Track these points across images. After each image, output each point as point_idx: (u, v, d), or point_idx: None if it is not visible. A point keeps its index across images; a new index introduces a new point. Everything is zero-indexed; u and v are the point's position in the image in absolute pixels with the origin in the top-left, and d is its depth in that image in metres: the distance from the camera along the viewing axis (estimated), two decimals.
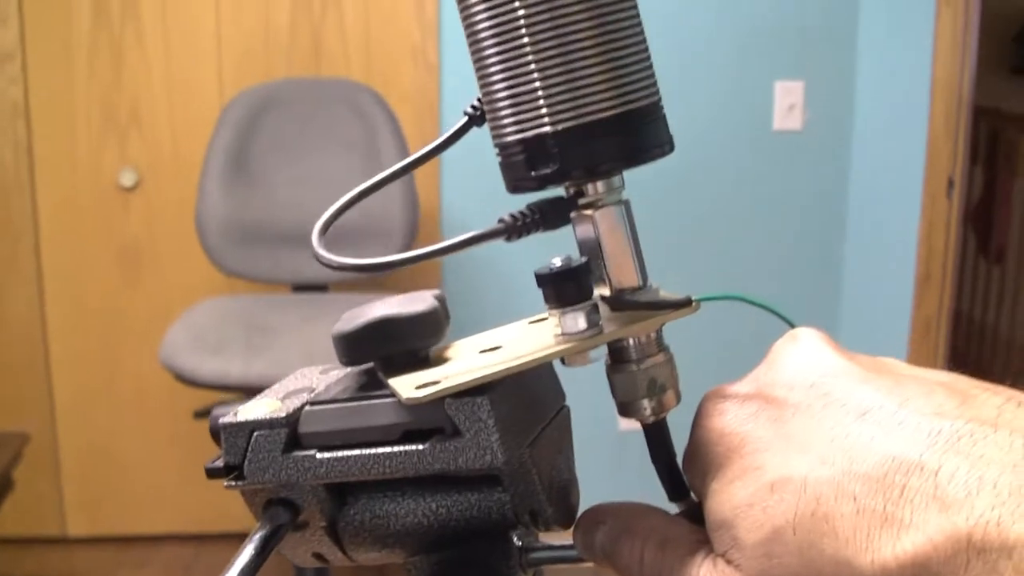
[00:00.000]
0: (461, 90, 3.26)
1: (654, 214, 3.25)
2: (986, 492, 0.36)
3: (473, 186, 3.04)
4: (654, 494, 0.54)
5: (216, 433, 0.55)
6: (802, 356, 0.47)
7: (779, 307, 0.55)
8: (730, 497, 0.44)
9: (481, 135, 0.52)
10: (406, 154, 2.88)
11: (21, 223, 3.29)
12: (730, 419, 0.46)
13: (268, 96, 3.00)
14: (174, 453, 3.38)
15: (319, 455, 0.52)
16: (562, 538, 0.57)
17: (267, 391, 0.57)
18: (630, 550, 0.49)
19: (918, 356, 3.39)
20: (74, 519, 3.52)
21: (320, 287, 3.03)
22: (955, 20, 3.24)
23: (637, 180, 0.50)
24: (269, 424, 0.53)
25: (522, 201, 0.50)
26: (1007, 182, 5.04)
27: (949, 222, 3.32)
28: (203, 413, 2.71)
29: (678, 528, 0.49)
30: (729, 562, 0.44)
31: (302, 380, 0.58)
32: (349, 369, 0.57)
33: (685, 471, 0.50)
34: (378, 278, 3.05)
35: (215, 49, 3.22)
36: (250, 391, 2.51)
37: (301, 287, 3.03)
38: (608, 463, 2.23)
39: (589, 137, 0.47)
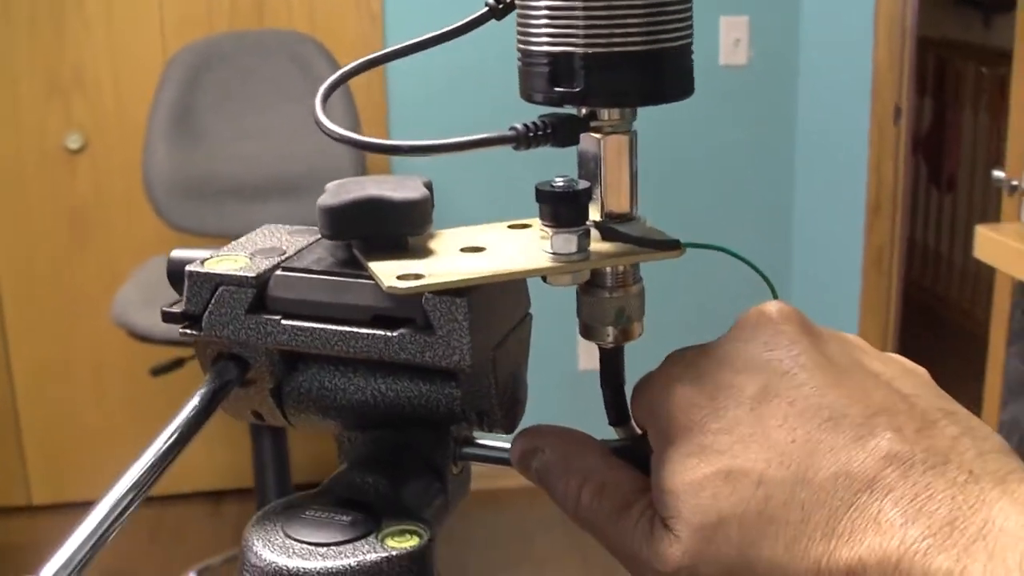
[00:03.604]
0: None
1: None
2: (922, 521, 0.38)
3: (422, 135, 3.03)
4: (609, 435, 0.54)
5: (175, 277, 0.54)
6: (778, 341, 0.47)
7: (759, 265, 0.55)
8: (683, 471, 0.44)
9: (424, 101, 0.50)
10: (352, 105, 2.86)
11: None
12: (701, 391, 0.46)
13: (211, 51, 2.97)
14: (133, 415, 3.36)
15: (284, 321, 0.51)
16: (494, 439, 0.57)
17: (234, 244, 0.56)
18: (566, 486, 0.50)
19: (872, 286, 3.42)
20: (38, 487, 3.51)
21: None
22: None
23: None
24: (237, 281, 0.52)
25: (478, 154, 0.49)
26: (955, 112, 5.07)
27: (898, 151, 3.33)
28: (159, 370, 2.71)
29: (617, 473, 0.49)
30: (668, 529, 0.45)
31: (271, 239, 0.57)
32: (319, 237, 0.56)
33: (635, 407, 0.50)
34: None
35: (157, 7, 3.18)
36: None
37: None
38: (566, 402, 2.23)
39: (617, 67, 0.47)
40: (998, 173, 2.56)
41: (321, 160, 2.77)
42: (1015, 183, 2.50)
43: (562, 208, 0.49)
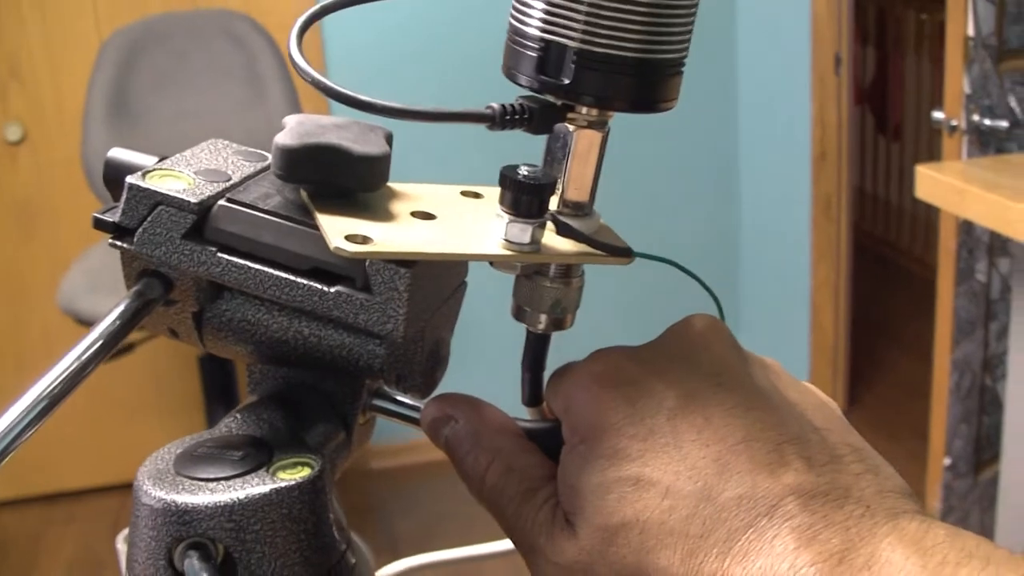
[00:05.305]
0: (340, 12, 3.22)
1: None
2: (814, 548, 0.39)
3: (360, 115, 3.00)
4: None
5: (112, 182, 0.52)
6: (704, 356, 0.47)
7: (705, 281, 0.55)
8: (592, 471, 0.45)
9: (369, 62, 0.48)
10: (289, 80, 2.84)
11: None
12: (622, 394, 0.46)
13: (145, 33, 2.94)
14: (88, 404, 3.34)
15: (220, 254, 0.50)
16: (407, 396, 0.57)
17: (178, 157, 0.54)
18: (474, 462, 0.50)
19: (822, 233, 3.44)
20: None
21: None
22: None
23: None
24: (178, 204, 0.50)
25: (410, 138, 0.47)
26: (898, 59, 5.10)
27: (840, 99, 3.35)
28: (110, 355, 2.68)
29: (527, 457, 0.49)
30: (569, 523, 0.45)
31: (216, 159, 0.55)
32: (266, 164, 0.55)
33: (552, 395, 0.50)
34: None
35: None
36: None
37: None
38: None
39: (610, 70, 0.46)
40: (937, 114, 2.58)
41: (261, 136, 2.75)
42: (954, 123, 2.52)
43: (523, 198, 0.48)
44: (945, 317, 2.67)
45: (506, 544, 0.62)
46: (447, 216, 0.52)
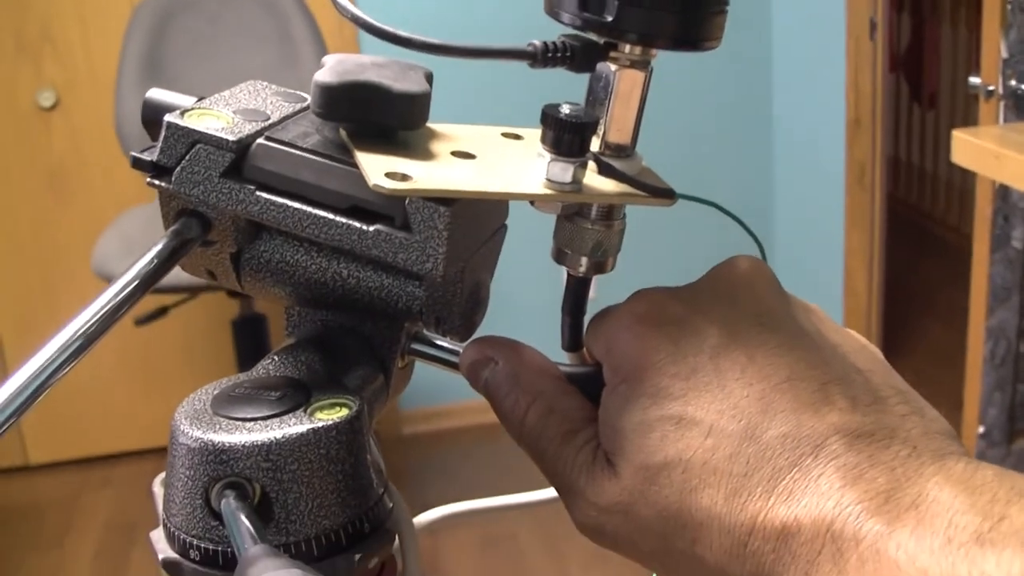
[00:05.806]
0: None
1: None
2: (860, 487, 0.39)
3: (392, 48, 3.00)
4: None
5: (150, 123, 0.52)
6: (746, 295, 0.47)
7: (747, 223, 0.54)
8: (635, 410, 0.44)
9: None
10: (321, 42, 2.84)
11: None
12: (664, 333, 0.46)
13: None
14: (123, 369, 3.36)
15: (259, 193, 0.50)
16: (446, 340, 0.56)
17: (217, 97, 0.54)
18: (513, 404, 0.49)
19: (855, 201, 3.41)
20: (34, 447, 3.51)
21: None
22: None
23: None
24: (216, 143, 0.50)
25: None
26: (934, 26, 5.04)
27: (875, 65, 3.31)
28: (143, 320, 2.70)
29: (568, 399, 0.49)
30: (610, 463, 0.45)
31: (256, 99, 0.54)
32: (305, 104, 0.54)
33: (592, 338, 0.50)
34: None
35: None
36: (189, 289, 2.49)
37: None
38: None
39: (652, 6, 0.45)
40: (974, 79, 2.55)
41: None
42: (991, 88, 2.49)
43: (565, 137, 0.47)
44: (980, 284, 2.65)
45: (540, 494, 0.62)
46: (487, 156, 0.51)
